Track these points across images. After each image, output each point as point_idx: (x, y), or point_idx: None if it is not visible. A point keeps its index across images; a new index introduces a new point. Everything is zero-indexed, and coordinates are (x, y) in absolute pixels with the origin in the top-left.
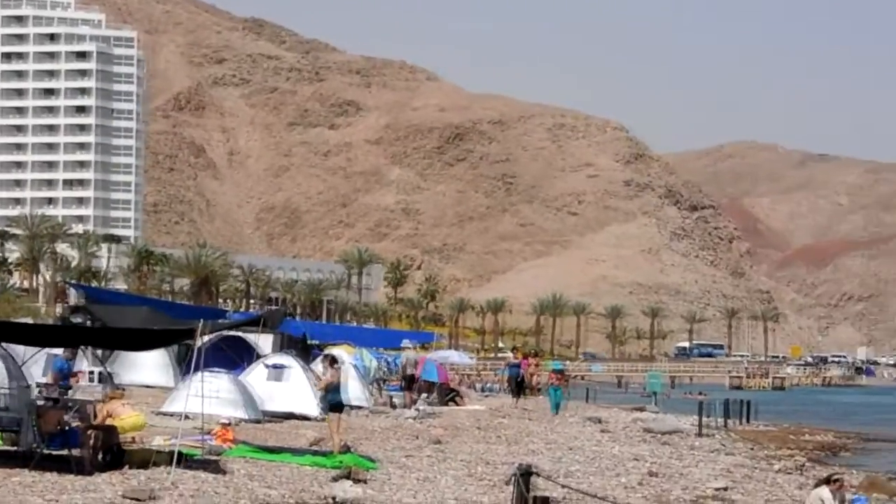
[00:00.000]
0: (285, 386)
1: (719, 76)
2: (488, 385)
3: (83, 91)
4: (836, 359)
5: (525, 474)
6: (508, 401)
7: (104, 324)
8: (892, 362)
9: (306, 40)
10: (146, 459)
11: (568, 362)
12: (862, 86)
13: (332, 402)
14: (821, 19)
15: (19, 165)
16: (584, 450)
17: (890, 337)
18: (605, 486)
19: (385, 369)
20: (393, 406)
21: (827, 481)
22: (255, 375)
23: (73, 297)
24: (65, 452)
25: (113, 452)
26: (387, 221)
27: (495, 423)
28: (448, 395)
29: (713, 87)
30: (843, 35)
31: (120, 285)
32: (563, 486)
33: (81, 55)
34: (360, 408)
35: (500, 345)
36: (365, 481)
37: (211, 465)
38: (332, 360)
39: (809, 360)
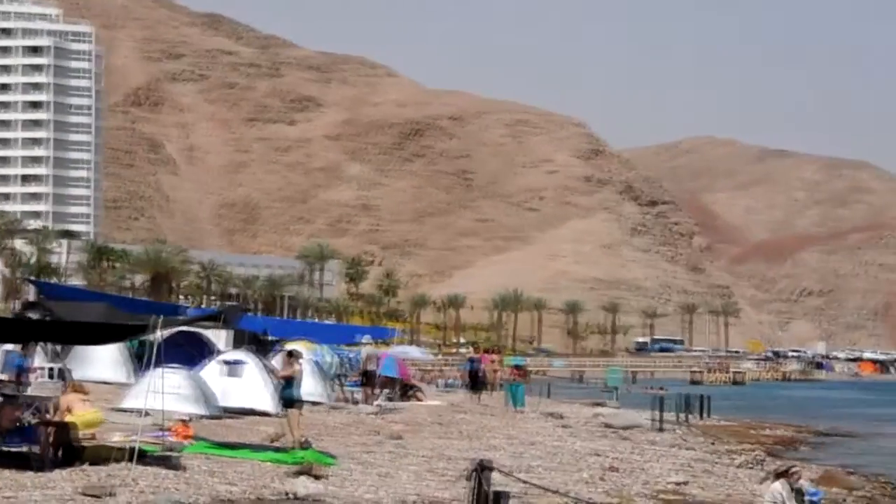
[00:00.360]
0: (242, 382)
1: (677, 72)
2: (448, 381)
3: (38, 86)
4: (795, 354)
5: (484, 469)
6: (468, 396)
7: (60, 319)
8: (849, 357)
9: (264, 36)
10: (105, 456)
11: (528, 358)
12: (819, 82)
13: (289, 397)
14: (778, 14)
15: None
16: (543, 445)
17: (847, 332)
18: (565, 481)
19: (345, 365)
20: (353, 402)
21: (783, 474)
22: (211, 371)
23: (30, 293)
24: (23, 449)
25: (67, 449)
26: (346, 217)
27: (455, 418)
28: (408, 390)
29: (672, 83)
30: (800, 31)
31: (77, 281)
32: (523, 482)
33: (37, 50)
34: (319, 404)
35: (460, 340)
36: (325, 477)
37: (170, 462)
38: (293, 355)
39: (768, 354)
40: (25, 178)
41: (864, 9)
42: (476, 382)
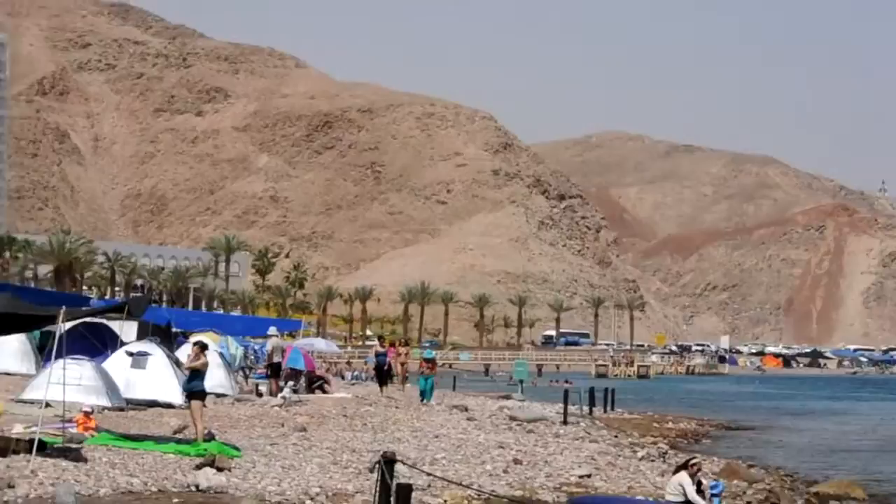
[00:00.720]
0: (148, 373)
1: (587, 66)
2: (356, 373)
3: None
4: (700, 347)
5: (389, 462)
6: (375, 389)
7: None
8: (753, 351)
9: (173, 26)
10: (5, 447)
11: (437, 351)
12: (725, 78)
13: (195, 389)
14: (687, 12)
15: None
16: (449, 437)
17: (752, 326)
18: (470, 473)
19: (251, 357)
20: (258, 394)
21: (685, 466)
22: (117, 363)
23: None
24: None
25: None
26: (254, 209)
27: (361, 410)
28: (315, 382)
29: (582, 78)
30: (708, 28)
31: None
32: (428, 474)
33: None
34: (224, 396)
35: (368, 333)
36: (229, 469)
37: (72, 454)
38: (202, 347)
39: (674, 348)
40: None
41: (774, 8)
42: (383, 375)
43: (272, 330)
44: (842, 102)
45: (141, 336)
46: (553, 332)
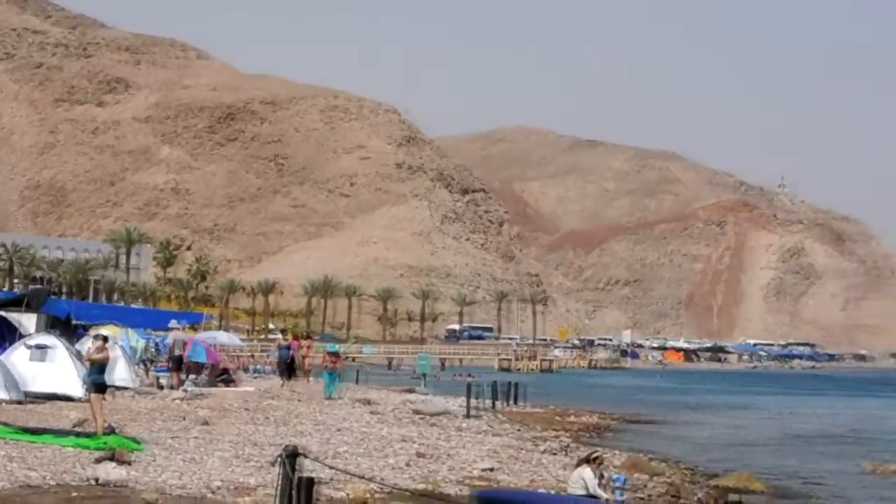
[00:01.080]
0: (48, 366)
1: (492, 61)
2: (259, 367)
3: None
4: (603, 342)
5: (291, 455)
6: (278, 382)
7: None
8: (655, 345)
9: (74, 15)
10: None
11: (341, 345)
12: (629, 74)
13: (96, 382)
14: (589, 7)
15: None
16: (352, 431)
17: (654, 320)
18: (373, 466)
19: (153, 350)
20: (160, 387)
21: (587, 460)
22: (16, 355)
23: None
24: None
25: None
26: (156, 201)
27: (264, 404)
28: (218, 376)
29: (487, 72)
30: (612, 24)
31: None
32: (331, 467)
33: None
34: (125, 389)
35: (271, 326)
36: (129, 463)
37: None
38: (104, 340)
39: (577, 342)
40: None
41: (682, 6)
42: (287, 369)
43: (174, 323)
44: (743, 99)
45: (40, 329)
46: (457, 326)
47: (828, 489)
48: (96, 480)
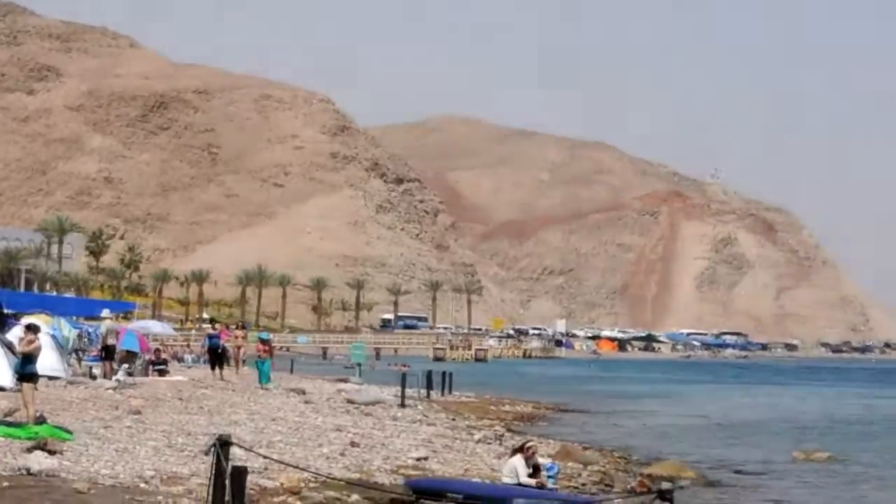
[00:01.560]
0: None
1: (425, 50)
2: (192, 356)
3: None
4: (537, 331)
5: (224, 444)
6: (209, 372)
7: None
8: (589, 335)
9: (3, 3)
10: None
11: (273, 334)
12: (561, 64)
13: (26, 371)
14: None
15: None
16: (286, 420)
17: (588, 310)
18: (307, 456)
19: (84, 339)
20: (92, 377)
21: (520, 450)
22: None
23: None
24: None
25: None
26: (87, 190)
27: (197, 393)
28: (151, 365)
29: (419, 62)
30: (546, 14)
31: None
32: (264, 457)
33: None
34: (57, 378)
35: (205, 316)
36: (60, 452)
37: None
38: (35, 330)
39: (510, 332)
40: None
41: None
42: (216, 358)
43: (106, 312)
44: (675, 90)
45: None
46: (391, 316)
47: (757, 478)
48: (27, 470)
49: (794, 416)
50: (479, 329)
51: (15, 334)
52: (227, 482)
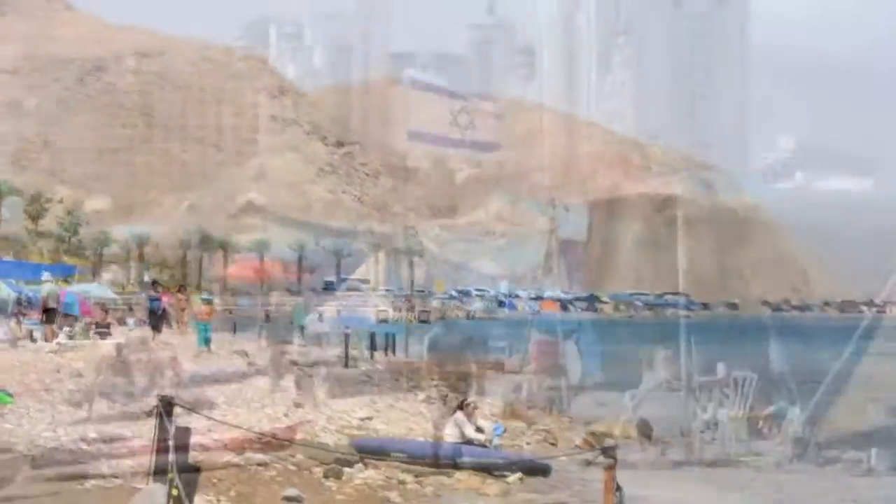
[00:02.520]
0: None
1: (366, 12)
2: (133, 320)
3: None
4: (479, 293)
5: (167, 405)
6: (150, 334)
7: None
8: (532, 296)
9: None
10: None
11: (215, 296)
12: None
13: None
14: None
15: None
16: (229, 382)
17: (530, 271)
18: (250, 418)
19: (24, 303)
20: (33, 340)
21: (460, 407)
22: None
23: None
24: None
25: None
26: (25, 153)
27: (140, 356)
28: (93, 327)
29: (359, 24)
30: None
31: None
32: (207, 418)
33: None
34: None
35: (145, 279)
36: (1, 416)
37: None
38: None
39: (454, 293)
40: None
41: None
42: (157, 320)
43: (46, 275)
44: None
45: None
46: (333, 279)
47: (704, 434)
48: None
49: (740, 374)
50: (422, 290)
51: None
52: (171, 443)
